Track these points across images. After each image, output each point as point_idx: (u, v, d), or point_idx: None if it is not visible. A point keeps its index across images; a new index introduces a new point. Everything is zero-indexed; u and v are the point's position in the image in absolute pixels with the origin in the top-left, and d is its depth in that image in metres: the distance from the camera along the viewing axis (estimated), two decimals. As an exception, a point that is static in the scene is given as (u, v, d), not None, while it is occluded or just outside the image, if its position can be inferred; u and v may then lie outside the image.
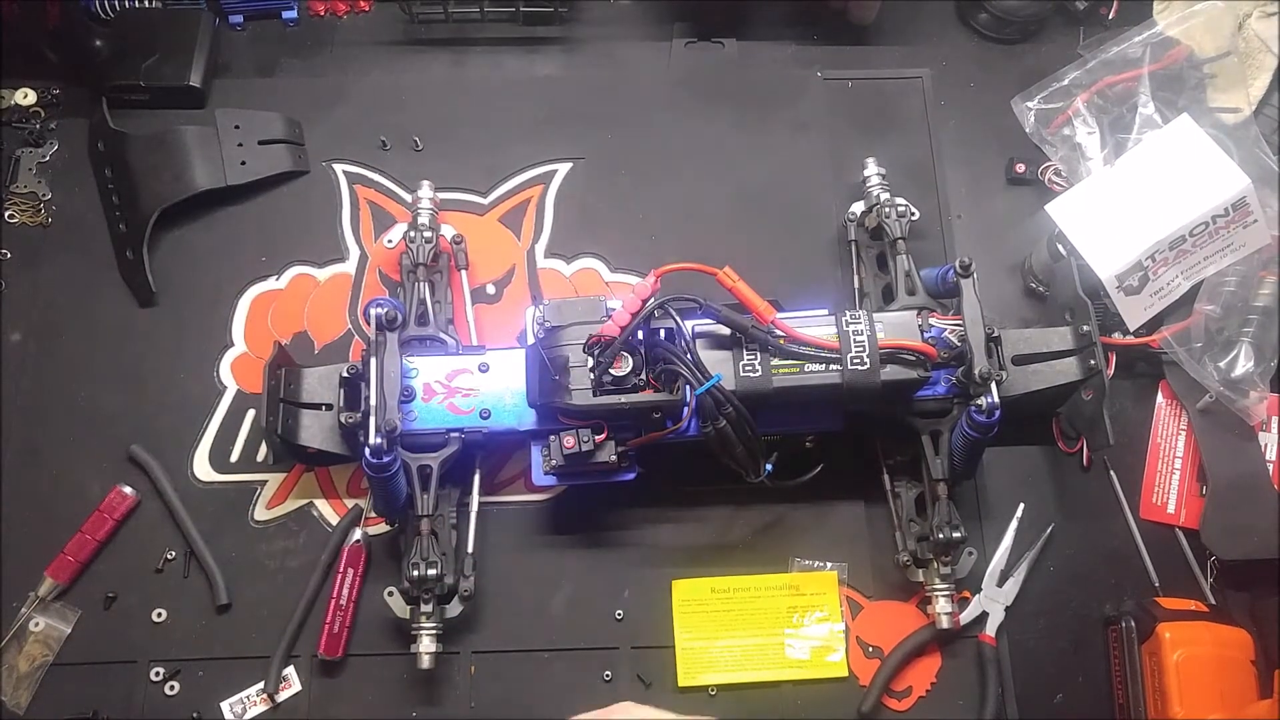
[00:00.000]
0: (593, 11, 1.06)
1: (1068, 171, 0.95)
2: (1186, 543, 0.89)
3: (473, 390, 0.81)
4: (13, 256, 0.94)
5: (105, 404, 0.89)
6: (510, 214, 0.97)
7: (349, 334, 0.93)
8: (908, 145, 1.00)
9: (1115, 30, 0.99)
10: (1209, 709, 0.78)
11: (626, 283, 0.94)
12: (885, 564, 0.86)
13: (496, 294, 0.94)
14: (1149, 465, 0.90)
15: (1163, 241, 0.85)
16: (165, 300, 0.93)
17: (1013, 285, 0.96)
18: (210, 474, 0.87)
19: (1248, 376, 0.86)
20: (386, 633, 0.83)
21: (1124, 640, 0.83)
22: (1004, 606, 0.85)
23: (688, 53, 1.04)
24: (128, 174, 0.93)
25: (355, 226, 0.96)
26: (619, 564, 0.86)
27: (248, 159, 0.95)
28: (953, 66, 1.04)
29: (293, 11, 1.03)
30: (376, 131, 0.99)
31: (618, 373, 0.74)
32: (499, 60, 1.04)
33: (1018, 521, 0.88)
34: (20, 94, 0.99)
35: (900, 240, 0.87)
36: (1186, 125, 0.88)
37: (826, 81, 1.03)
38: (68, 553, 0.84)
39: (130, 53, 0.97)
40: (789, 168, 0.99)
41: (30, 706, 0.81)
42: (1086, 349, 0.83)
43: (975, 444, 0.78)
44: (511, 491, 0.89)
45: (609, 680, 0.84)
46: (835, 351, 0.76)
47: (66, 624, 0.83)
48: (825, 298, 0.91)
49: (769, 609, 0.85)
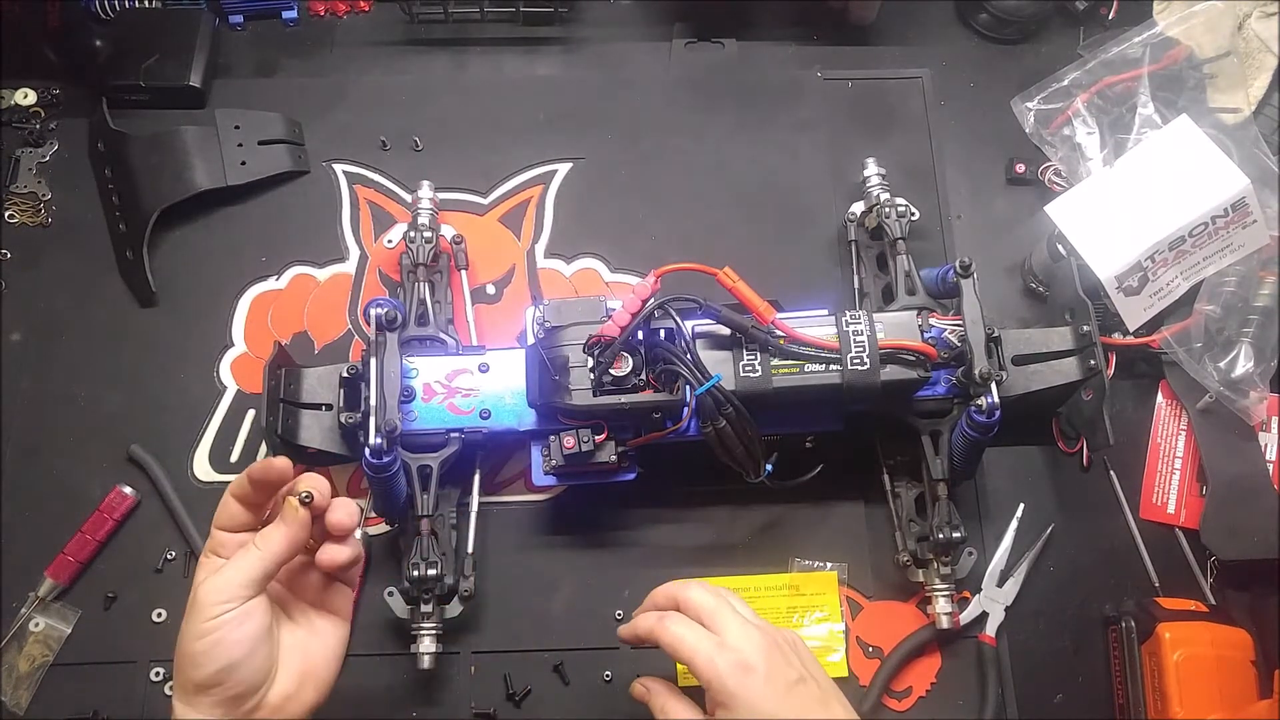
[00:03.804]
0: (593, 11, 1.06)
1: (1068, 172, 0.95)
2: (1186, 543, 0.89)
3: (473, 390, 0.81)
4: (13, 256, 0.94)
5: (105, 404, 0.89)
6: (510, 214, 0.97)
7: (349, 334, 0.93)
8: (908, 145, 1.00)
9: (1115, 30, 0.99)
10: (1209, 709, 0.78)
11: (626, 283, 0.94)
12: (885, 564, 0.86)
13: (496, 294, 0.94)
14: (1149, 465, 0.90)
15: (1162, 242, 0.85)
16: (165, 300, 0.93)
17: (1013, 285, 0.96)
18: (210, 474, 0.88)
19: (1248, 376, 0.87)
20: (386, 633, 0.83)
21: (1124, 640, 0.83)
22: (1004, 606, 0.85)
23: (688, 53, 1.04)
24: (128, 174, 0.93)
25: (355, 226, 0.96)
26: (619, 564, 0.86)
27: (248, 159, 0.95)
28: (953, 66, 1.04)
29: (293, 11, 1.02)
30: (376, 131, 0.99)
31: (618, 373, 0.74)
32: (499, 60, 1.04)
33: (1018, 521, 0.88)
34: (20, 94, 0.99)
35: (900, 240, 0.87)
36: (1186, 125, 0.88)
37: (826, 81, 1.03)
38: (68, 553, 0.84)
39: (130, 53, 0.97)
40: (789, 168, 0.99)
41: (30, 706, 0.81)
42: (1086, 349, 0.83)
43: (975, 444, 0.78)
44: (511, 491, 0.89)
45: (609, 680, 0.84)
46: (835, 352, 0.76)
47: (66, 624, 0.83)
48: (825, 298, 0.91)
49: (769, 609, 0.85)
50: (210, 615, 0.58)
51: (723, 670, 0.62)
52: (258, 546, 0.60)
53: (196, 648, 0.58)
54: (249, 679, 0.60)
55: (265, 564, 0.60)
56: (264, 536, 0.61)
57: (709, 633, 0.64)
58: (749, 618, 0.66)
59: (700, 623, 0.65)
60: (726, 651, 0.63)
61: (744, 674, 0.62)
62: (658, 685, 0.69)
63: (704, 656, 0.63)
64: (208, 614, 0.58)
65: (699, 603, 0.66)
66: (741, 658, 0.62)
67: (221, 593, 0.59)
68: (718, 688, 0.62)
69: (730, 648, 0.63)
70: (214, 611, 0.58)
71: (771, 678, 0.62)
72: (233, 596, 0.59)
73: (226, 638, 0.58)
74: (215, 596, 0.59)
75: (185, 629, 0.59)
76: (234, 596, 0.59)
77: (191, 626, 0.58)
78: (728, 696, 0.62)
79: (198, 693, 0.58)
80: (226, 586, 0.59)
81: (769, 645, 0.64)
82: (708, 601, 0.66)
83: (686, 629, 0.65)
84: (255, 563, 0.60)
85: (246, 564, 0.60)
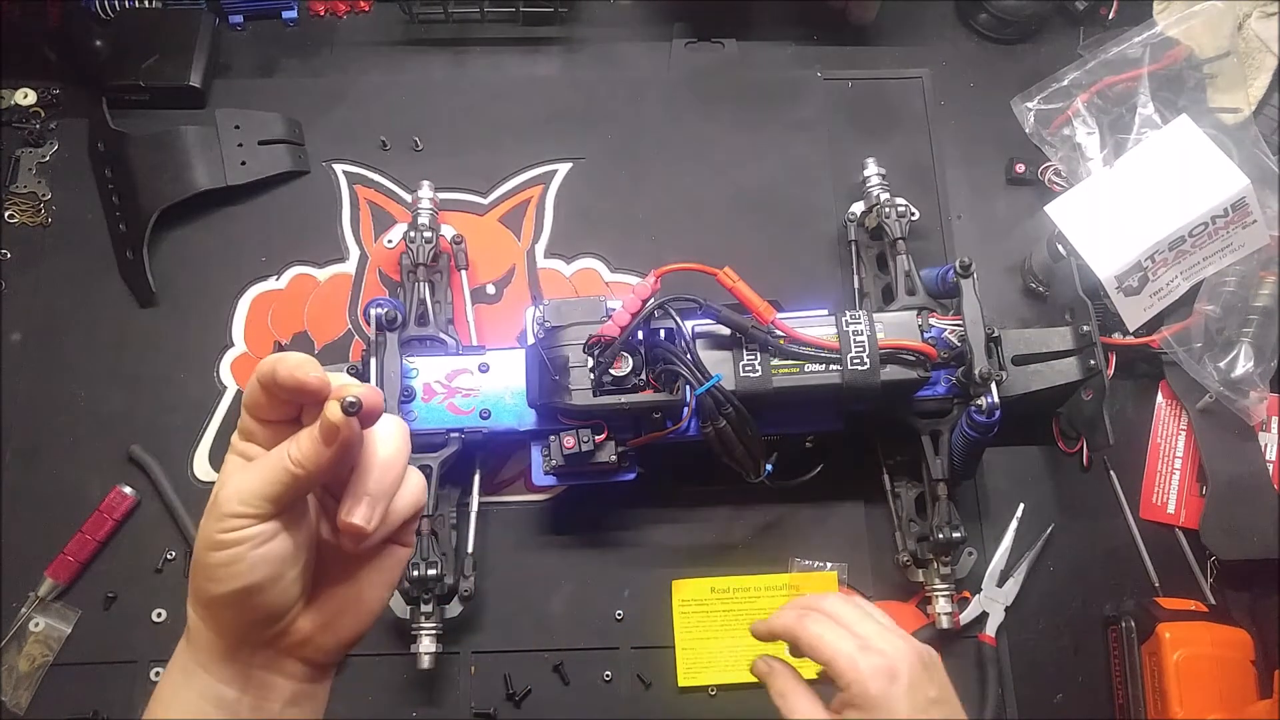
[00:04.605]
0: (593, 11, 1.06)
1: (1068, 172, 0.95)
2: (1186, 543, 0.89)
3: (473, 390, 0.81)
4: (13, 256, 0.94)
5: (105, 404, 0.89)
6: (510, 214, 0.97)
7: (349, 334, 0.93)
8: (908, 145, 1.00)
9: (1115, 30, 0.99)
10: (1209, 709, 0.78)
11: (626, 283, 0.94)
12: (885, 564, 0.86)
13: (496, 294, 0.94)
14: (1149, 465, 0.90)
15: (1162, 242, 0.85)
16: (165, 300, 0.93)
17: (1013, 285, 0.96)
18: (210, 474, 0.87)
19: (1248, 376, 0.87)
20: (386, 633, 0.83)
21: (1124, 640, 0.83)
22: (1004, 606, 0.85)
23: (688, 53, 1.04)
24: (128, 174, 0.93)
25: (355, 226, 0.96)
26: (619, 564, 0.86)
27: (248, 159, 0.95)
28: (953, 66, 1.04)
29: (293, 11, 1.03)
30: (376, 131, 0.99)
31: (618, 373, 0.74)
32: (499, 60, 1.04)
33: (1018, 521, 0.88)
34: (20, 94, 0.99)
35: (900, 240, 0.87)
36: (1186, 125, 0.88)
37: (826, 81, 1.03)
38: (68, 553, 0.84)
39: (130, 53, 0.97)
40: (789, 168, 0.99)
41: (30, 706, 0.81)
42: (1086, 349, 0.83)
43: (975, 444, 0.78)
44: (511, 491, 0.89)
45: (609, 680, 0.84)
46: (835, 352, 0.76)
47: (66, 624, 0.83)
48: (825, 298, 0.91)
49: (769, 609, 0.85)
50: (228, 527, 0.47)
51: (865, 673, 0.59)
52: (290, 458, 0.47)
53: (212, 559, 0.47)
54: (271, 604, 0.49)
55: (296, 482, 0.47)
56: (299, 445, 0.47)
57: (852, 634, 0.61)
58: (890, 627, 0.63)
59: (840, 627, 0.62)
60: (872, 654, 0.60)
61: (888, 680, 0.59)
62: (783, 667, 0.64)
63: (846, 655, 0.59)
64: (226, 524, 0.47)
65: (838, 609, 0.63)
66: (888, 663, 0.59)
67: (244, 503, 0.47)
68: (859, 690, 0.59)
69: (876, 651, 0.60)
70: (233, 524, 0.47)
71: (914, 689, 0.59)
72: (256, 511, 0.47)
73: (246, 555, 0.47)
74: (235, 505, 0.47)
75: (203, 530, 0.48)
76: (257, 511, 0.47)
77: (208, 532, 0.47)
78: (867, 700, 0.58)
79: (210, 606, 0.49)
80: (250, 496, 0.47)
81: (914, 657, 0.61)
82: (848, 608, 0.63)
83: (829, 628, 0.61)
84: (283, 477, 0.47)
85: (274, 476, 0.47)
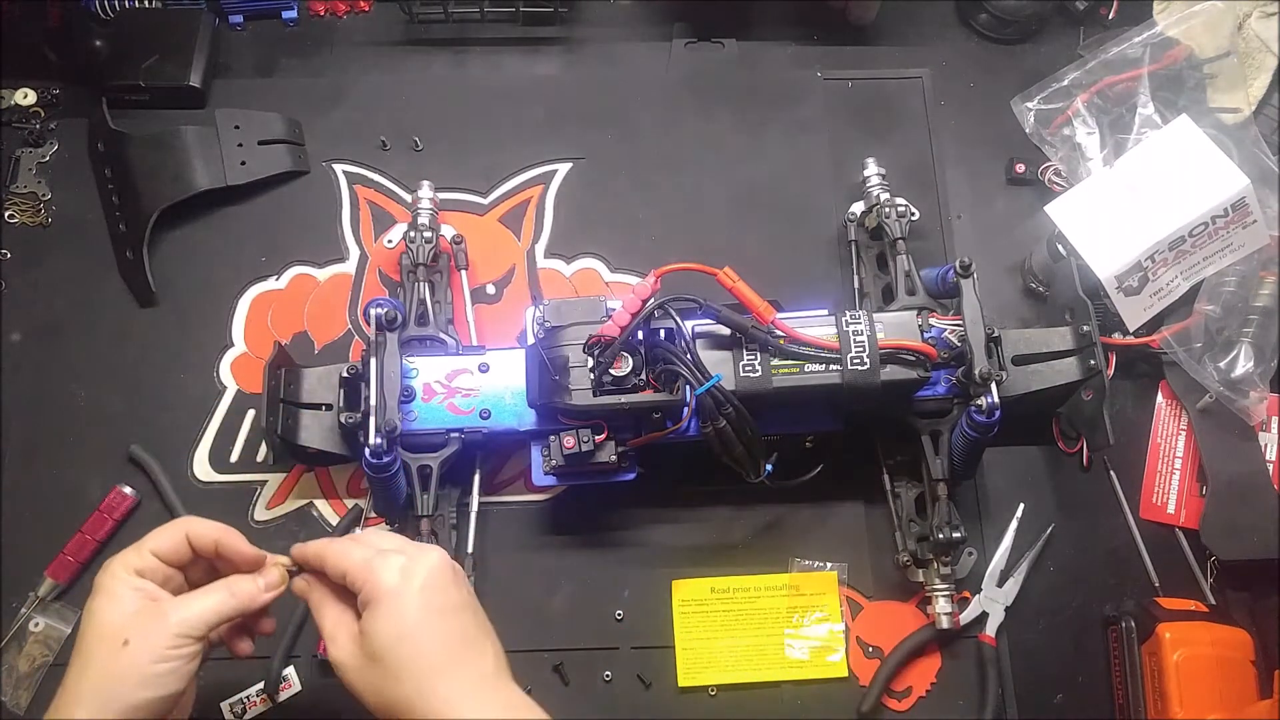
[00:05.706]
0: (593, 11, 1.06)
1: (1068, 172, 0.95)
2: (1186, 543, 0.89)
3: (473, 390, 0.81)
4: (13, 256, 0.94)
5: (105, 404, 0.89)
6: (510, 214, 0.97)
7: (349, 334, 0.93)
8: (908, 145, 1.00)
9: (1115, 30, 0.99)
10: (1209, 709, 0.78)
11: (626, 283, 0.94)
12: (885, 564, 0.86)
13: (496, 294, 0.94)
14: (1149, 465, 0.90)
15: (1162, 242, 0.85)
16: (165, 300, 0.93)
17: (1013, 285, 0.96)
18: (210, 474, 0.87)
19: (1248, 376, 0.87)
20: (386, 633, 0.83)
21: (1124, 640, 0.83)
22: (1004, 606, 0.85)
23: (688, 53, 1.04)
24: (128, 174, 0.93)
25: (355, 226, 0.96)
26: (619, 564, 0.86)
27: (248, 159, 0.95)
28: (953, 66, 1.04)
29: (293, 11, 1.03)
30: (376, 131, 0.99)
31: (618, 373, 0.74)
32: (499, 60, 1.04)
33: (1018, 521, 0.88)
34: (20, 94, 0.99)
35: (900, 240, 0.87)
36: (1186, 126, 0.88)
37: (826, 81, 1.03)
38: (68, 553, 0.84)
39: (130, 53, 0.97)
40: (789, 168, 0.99)
41: (30, 706, 0.81)
42: (1086, 349, 0.83)
43: (975, 444, 0.78)
44: (511, 491, 0.89)
45: (609, 680, 0.84)
46: (835, 352, 0.76)
47: (66, 624, 0.83)
48: (825, 298, 0.91)
49: (769, 609, 0.85)
50: (178, 644, 0.58)
51: (377, 570, 0.59)
52: (233, 594, 0.61)
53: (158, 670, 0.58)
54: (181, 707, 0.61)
55: (231, 613, 0.61)
56: (241, 587, 0.62)
57: (372, 549, 0.62)
58: (421, 545, 0.64)
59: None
60: (386, 556, 0.60)
61: (401, 577, 0.59)
62: (318, 582, 0.64)
63: (361, 561, 0.60)
64: (176, 643, 0.58)
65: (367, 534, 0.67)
66: (402, 563, 0.59)
67: (194, 627, 0.59)
68: (371, 587, 0.59)
69: (392, 553, 0.60)
70: (181, 643, 0.58)
71: (430, 590, 0.59)
72: (199, 634, 0.59)
73: (182, 668, 0.58)
74: (186, 628, 0.59)
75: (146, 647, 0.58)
76: (200, 634, 0.59)
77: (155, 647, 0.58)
78: (379, 593, 0.58)
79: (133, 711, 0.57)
80: (199, 622, 0.59)
81: (439, 564, 0.61)
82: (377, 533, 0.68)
83: (351, 546, 0.62)
84: (224, 610, 0.61)
85: (221, 607, 0.61)
